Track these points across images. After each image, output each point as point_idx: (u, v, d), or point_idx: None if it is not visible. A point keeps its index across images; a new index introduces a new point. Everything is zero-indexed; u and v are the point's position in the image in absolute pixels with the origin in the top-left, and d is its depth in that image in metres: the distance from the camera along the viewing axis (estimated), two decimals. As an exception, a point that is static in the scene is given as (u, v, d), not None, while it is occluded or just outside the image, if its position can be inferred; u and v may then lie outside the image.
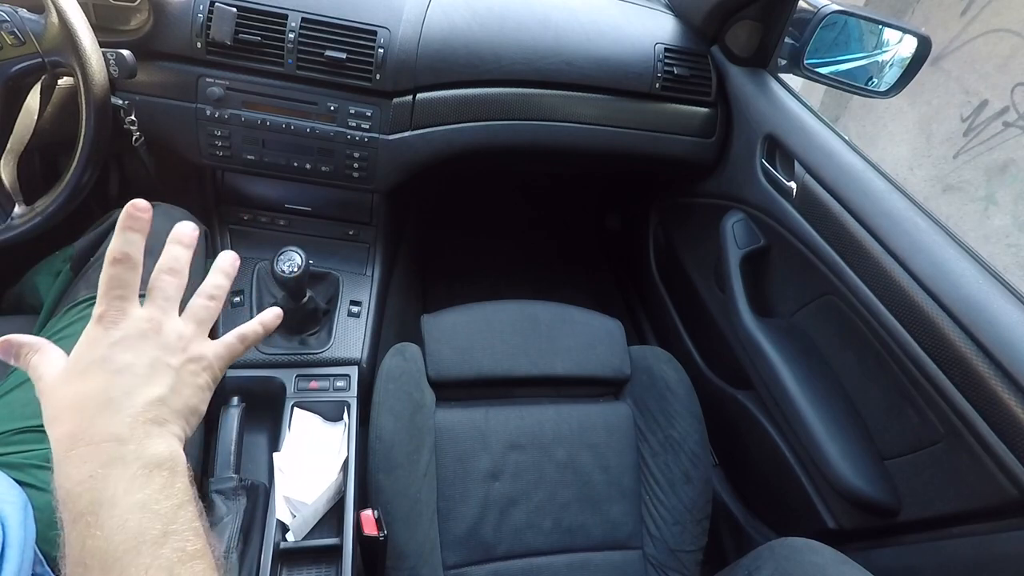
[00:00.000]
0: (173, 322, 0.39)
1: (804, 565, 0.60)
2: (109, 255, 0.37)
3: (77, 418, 0.34)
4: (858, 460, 0.73)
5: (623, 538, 0.81)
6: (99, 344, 0.36)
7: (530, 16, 0.95)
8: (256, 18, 0.81)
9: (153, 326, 0.38)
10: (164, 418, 0.36)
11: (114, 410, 0.34)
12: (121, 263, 0.37)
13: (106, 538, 0.31)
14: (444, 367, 0.85)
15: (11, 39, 0.66)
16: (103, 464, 0.33)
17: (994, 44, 2.03)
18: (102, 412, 0.34)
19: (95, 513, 0.31)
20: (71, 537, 0.31)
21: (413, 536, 0.71)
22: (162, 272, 0.40)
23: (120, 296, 0.37)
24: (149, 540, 0.31)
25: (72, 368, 0.36)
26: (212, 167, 0.93)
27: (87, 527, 0.31)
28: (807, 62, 0.93)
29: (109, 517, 0.31)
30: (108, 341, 0.36)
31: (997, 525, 0.61)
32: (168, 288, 0.40)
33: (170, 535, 0.32)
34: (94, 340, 0.36)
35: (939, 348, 0.62)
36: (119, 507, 0.32)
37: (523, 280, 1.50)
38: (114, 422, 0.34)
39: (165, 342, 0.38)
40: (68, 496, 0.32)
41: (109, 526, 0.31)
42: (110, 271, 0.37)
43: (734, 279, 0.94)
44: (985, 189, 2.06)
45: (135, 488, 0.32)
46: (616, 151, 1.02)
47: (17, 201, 0.71)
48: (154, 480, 0.33)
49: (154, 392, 0.36)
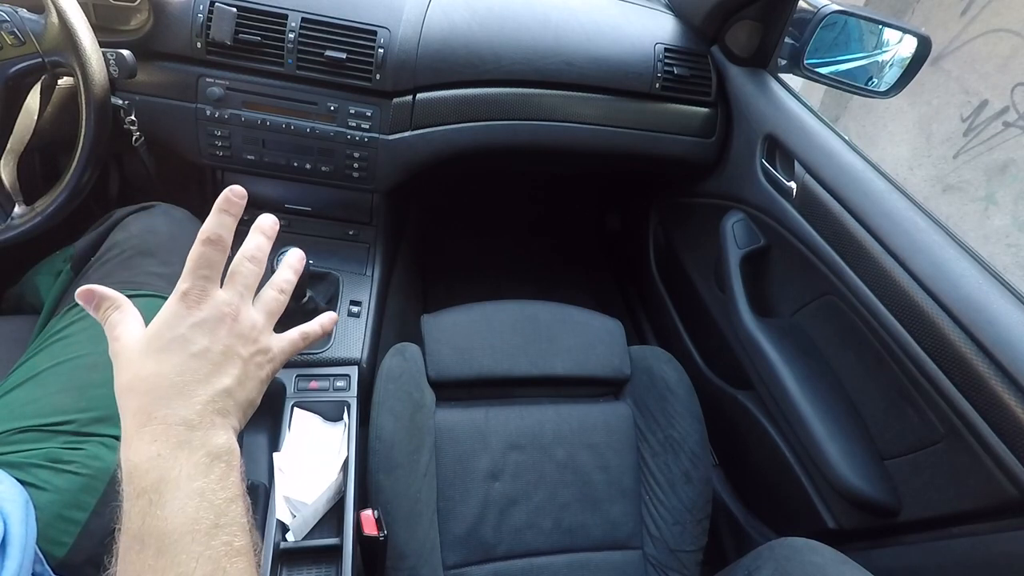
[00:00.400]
0: (249, 311, 0.40)
1: (804, 565, 0.59)
2: (203, 234, 0.37)
3: (152, 396, 0.34)
4: (858, 460, 0.73)
5: (623, 538, 0.81)
6: (181, 322, 0.36)
7: (530, 16, 0.95)
8: (256, 18, 0.81)
9: (231, 311, 0.38)
10: (228, 410, 0.37)
11: (188, 395, 0.35)
12: (213, 244, 0.37)
13: (165, 519, 0.31)
14: (444, 367, 0.85)
15: (11, 39, 0.66)
16: (172, 447, 0.33)
17: (994, 44, 2.04)
18: (177, 395, 0.35)
19: (159, 491, 0.32)
20: (132, 511, 0.32)
21: (413, 536, 0.71)
22: (245, 259, 0.40)
23: (206, 276, 0.37)
24: (203, 529, 0.32)
25: (152, 342, 0.36)
26: (212, 167, 0.93)
27: (149, 504, 0.32)
28: (807, 62, 0.93)
29: (172, 499, 0.32)
30: (190, 321, 0.36)
31: (997, 525, 0.61)
32: (249, 276, 0.40)
33: (221, 528, 0.33)
34: (176, 317, 0.36)
35: (939, 348, 0.62)
36: (181, 491, 0.32)
37: (523, 280, 1.50)
38: (186, 407, 0.35)
39: (240, 330, 0.39)
40: (135, 470, 0.32)
41: (171, 508, 0.32)
42: (201, 249, 0.37)
43: (734, 279, 0.94)
44: (985, 189, 2.06)
45: (197, 475, 0.33)
46: (616, 151, 1.02)
47: (17, 201, 0.71)
48: (214, 470, 0.34)
49: (224, 382, 0.37)
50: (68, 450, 0.53)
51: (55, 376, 0.59)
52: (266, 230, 0.42)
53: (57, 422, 0.55)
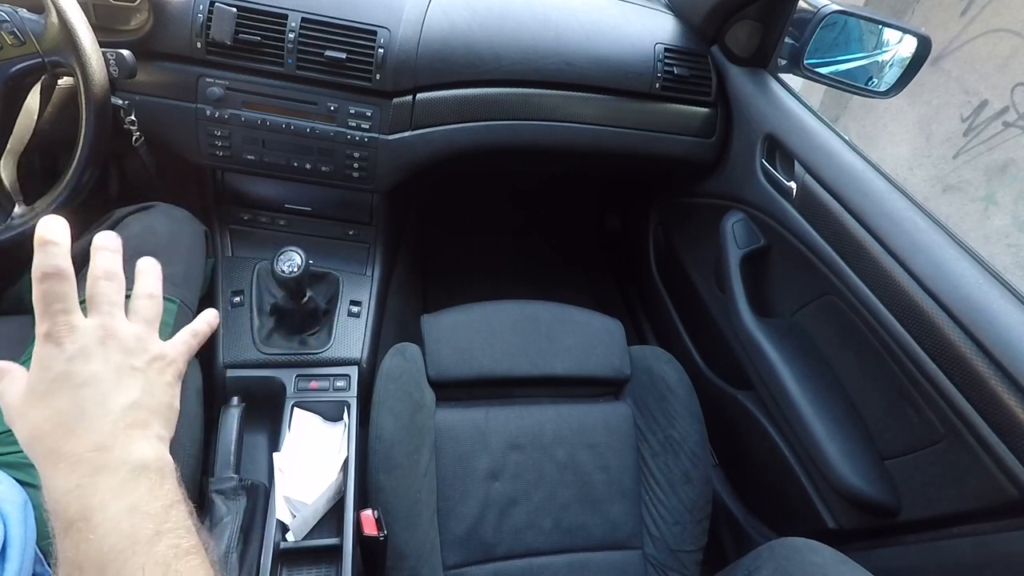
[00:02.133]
0: (125, 325, 0.39)
1: (804, 565, 0.59)
2: (36, 272, 0.35)
3: (55, 435, 0.34)
4: (858, 460, 0.73)
5: (623, 538, 0.81)
6: (55, 362, 0.35)
7: (530, 16, 0.95)
8: (256, 18, 0.81)
9: (108, 332, 0.37)
10: (144, 421, 0.36)
11: (91, 421, 0.34)
12: (52, 277, 0.35)
13: (99, 540, 0.31)
14: (444, 367, 0.85)
15: (11, 39, 0.66)
16: (89, 473, 0.33)
17: (994, 44, 2.03)
18: (79, 425, 0.34)
19: (86, 519, 0.31)
20: (65, 545, 0.31)
21: (413, 536, 0.71)
22: (99, 279, 0.39)
23: (62, 310, 0.36)
24: (143, 540, 0.31)
25: (33, 391, 0.35)
26: (212, 167, 0.93)
27: (79, 532, 0.31)
28: (807, 62, 0.93)
29: (101, 521, 0.31)
30: (64, 357, 0.35)
31: (997, 525, 0.61)
32: (111, 293, 0.39)
33: (163, 534, 0.32)
34: (48, 359, 0.35)
35: (939, 348, 0.62)
36: (110, 510, 0.32)
37: (523, 280, 1.50)
38: (94, 432, 0.34)
39: (126, 346, 0.38)
40: (57, 506, 0.32)
41: (102, 529, 0.31)
42: (42, 288, 0.35)
43: (734, 279, 0.94)
44: (985, 189, 2.06)
45: (124, 493, 0.33)
46: (616, 151, 1.02)
47: (17, 201, 0.71)
48: (142, 483, 0.34)
49: (128, 397, 0.36)
50: (67, 450, 0.53)
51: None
52: (108, 245, 0.40)
53: (56, 422, 0.55)
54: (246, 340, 0.81)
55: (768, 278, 0.97)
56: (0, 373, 0.37)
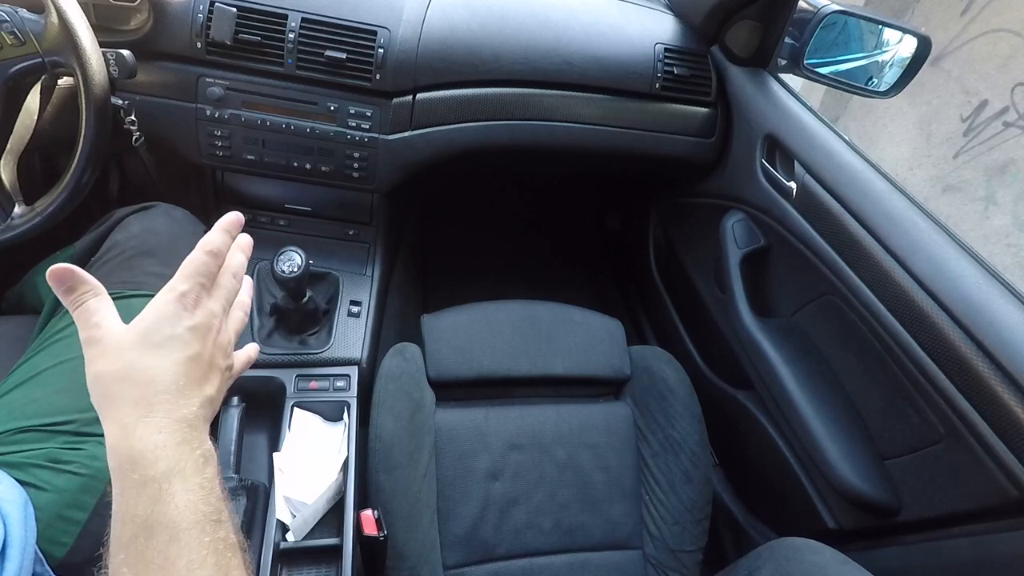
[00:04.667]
0: (226, 327, 0.41)
1: (804, 565, 0.60)
2: (206, 244, 0.38)
3: (154, 388, 0.34)
4: (858, 460, 0.73)
5: (623, 538, 0.81)
6: (179, 322, 0.36)
7: (530, 16, 0.95)
8: (256, 18, 0.81)
9: (218, 325, 0.39)
10: (208, 417, 0.37)
11: (187, 395, 0.35)
12: (214, 256, 0.38)
13: (177, 508, 0.31)
14: (444, 367, 0.85)
15: (11, 39, 0.66)
16: (176, 441, 0.33)
17: (994, 44, 2.03)
18: (178, 393, 0.35)
19: (169, 481, 0.32)
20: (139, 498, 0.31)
21: (413, 536, 0.71)
22: (230, 274, 0.41)
23: (202, 284, 0.38)
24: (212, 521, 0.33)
25: (148, 335, 0.35)
26: (212, 167, 0.93)
27: (159, 492, 0.32)
28: (807, 62, 0.93)
29: (183, 490, 0.32)
30: (187, 323, 0.36)
31: (997, 525, 0.61)
32: (232, 292, 0.41)
33: (221, 523, 0.34)
34: (175, 316, 0.36)
35: (939, 348, 0.62)
36: (189, 483, 0.33)
37: (523, 280, 1.50)
38: (186, 407, 0.35)
39: (222, 343, 0.39)
40: (141, 458, 0.32)
41: (183, 499, 0.32)
42: (203, 257, 0.38)
43: (734, 279, 0.94)
44: (985, 189, 2.06)
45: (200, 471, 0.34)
46: (616, 151, 1.02)
47: (17, 201, 0.71)
48: (209, 469, 0.35)
49: (209, 391, 0.37)
50: (68, 450, 0.53)
51: (55, 376, 0.59)
52: (245, 248, 0.43)
53: (57, 422, 0.55)
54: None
55: (768, 278, 0.97)
56: (96, 290, 0.37)
